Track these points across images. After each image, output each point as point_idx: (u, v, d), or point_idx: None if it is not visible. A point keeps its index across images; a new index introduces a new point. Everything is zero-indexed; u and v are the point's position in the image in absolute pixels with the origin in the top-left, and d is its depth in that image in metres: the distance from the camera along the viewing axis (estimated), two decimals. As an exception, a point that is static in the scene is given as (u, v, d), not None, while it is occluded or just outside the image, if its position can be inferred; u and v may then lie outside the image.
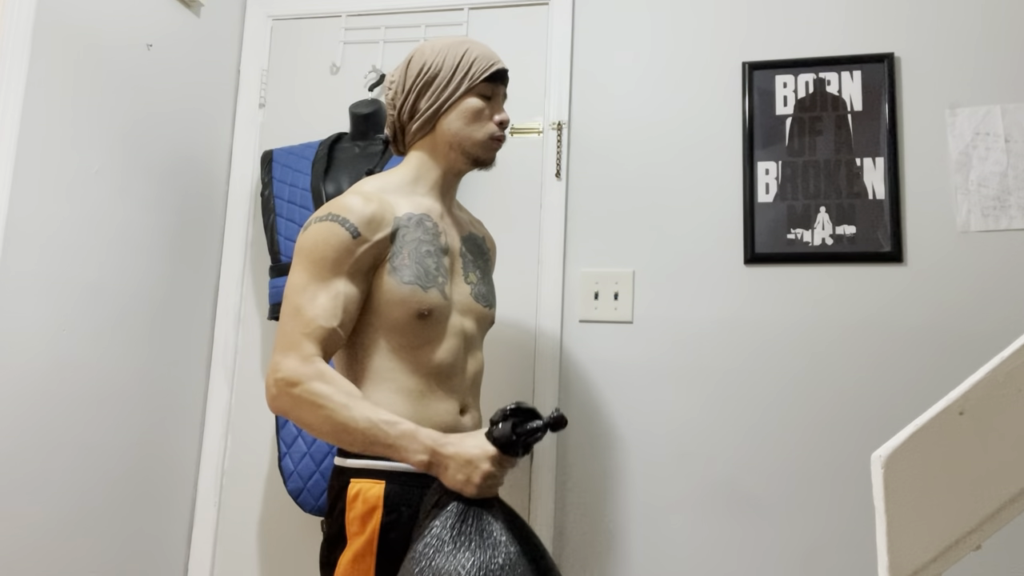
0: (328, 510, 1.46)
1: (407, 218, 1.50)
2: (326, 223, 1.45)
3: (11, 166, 1.72)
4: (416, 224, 1.51)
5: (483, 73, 1.56)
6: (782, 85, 2.13)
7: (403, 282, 1.46)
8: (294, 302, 1.43)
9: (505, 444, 1.34)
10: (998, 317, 1.92)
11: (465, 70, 1.55)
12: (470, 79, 1.55)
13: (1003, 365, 0.81)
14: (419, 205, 1.54)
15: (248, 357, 2.37)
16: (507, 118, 1.60)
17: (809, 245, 2.05)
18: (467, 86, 1.55)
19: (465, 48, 1.57)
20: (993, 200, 1.97)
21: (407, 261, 1.48)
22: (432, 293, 1.47)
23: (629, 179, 2.19)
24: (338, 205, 1.46)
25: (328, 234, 1.44)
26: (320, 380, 1.38)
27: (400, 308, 1.46)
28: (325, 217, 1.46)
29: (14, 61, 1.74)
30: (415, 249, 1.49)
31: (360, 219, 1.44)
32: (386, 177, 1.57)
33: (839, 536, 1.93)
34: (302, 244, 1.46)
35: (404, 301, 1.46)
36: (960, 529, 0.80)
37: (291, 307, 1.43)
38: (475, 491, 1.34)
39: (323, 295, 1.41)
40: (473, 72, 1.55)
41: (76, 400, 1.89)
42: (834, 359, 2.00)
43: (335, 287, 1.43)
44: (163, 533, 2.19)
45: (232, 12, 2.47)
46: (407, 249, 1.48)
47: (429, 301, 1.47)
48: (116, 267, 2.01)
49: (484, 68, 1.56)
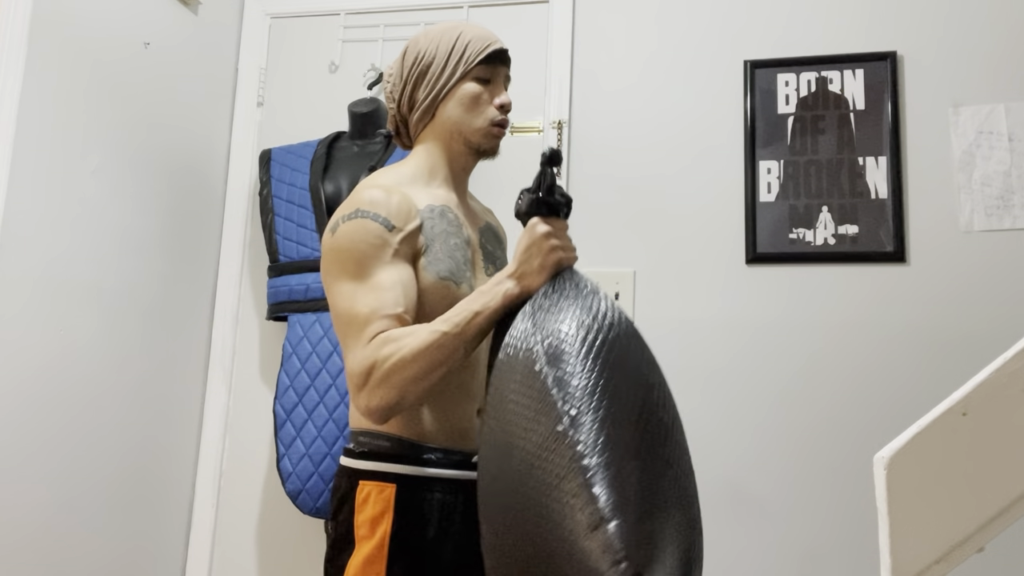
0: (333, 512, 1.41)
1: (429, 210, 1.42)
2: (355, 221, 1.37)
3: (8, 165, 1.71)
4: (440, 215, 1.43)
5: (478, 55, 1.49)
6: (784, 84, 2.12)
7: (440, 277, 1.39)
8: (347, 311, 1.33)
9: (535, 206, 1.32)
10: (1001, 317, 1.91)
11: (460, 54, 1.48)
12: (465, 63, 1.48)
13: (1007, 366, 0.80)
14: (437, 197, 1.46)
15: (246, 357, 2.36)
16: (508, 100, 1.51)
17: (811, 245, 2.04)
18: (463, 71, 1.48)
19: (459, 32, 1.50)
20: (996, 199, 1.96)
21: (440, 255, 1.40)
22: (464, 288, 1.41)
23: (630, 178, 2.18)
24: (361, 200, 1.38)
25: (361, 231, 1.35)
26: (385, 344, 1.28)
27: (435, 304, 1.38)
28: (352, 215, 1.37)
29: (11, 59, 1.73)
30: (445, 242, 1.42)
31: (388, 211, 1.37)
32: (399, 169, 1.49)
33: (841, 537, 1.92)
34: (336, 247, 1.37)
35: (442, 297, 1.39)
36: (963, 531, 0.79)
37: (345, 317, 1.33)
38: (556, 259, 1.29)
39: (375, 291, 1.33)
40: (468, 55, 1.48)
41: (73, 400, 1.88)
42: (836, 360, 1.98)
43: (385, 278, 1.34)
44: (161, 534, 2.18)
45: (230, 10, 2.46)
46: (438, 242, 1.41)
47: (462, 296, 1.40)
48: (113, 267, 2.00)
49: (479, 50, 1.49)
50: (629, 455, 1.07)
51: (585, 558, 0.98)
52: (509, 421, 1.14)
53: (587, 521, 0.99)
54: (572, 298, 1.22)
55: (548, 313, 1.21)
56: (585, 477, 1.02)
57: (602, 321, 1.18)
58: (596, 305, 1.20)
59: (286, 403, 2.08)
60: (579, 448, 1.04)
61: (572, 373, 1.11)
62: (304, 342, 2.10)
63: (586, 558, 0.98)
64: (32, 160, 1.77)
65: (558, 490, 1.04)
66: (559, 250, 1.30)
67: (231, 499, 2.30)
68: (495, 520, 1.14)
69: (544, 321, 1.20)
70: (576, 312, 1.20)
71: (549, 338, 1.16)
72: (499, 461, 1.14)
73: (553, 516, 1.03)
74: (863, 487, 1.92)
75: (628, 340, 1.19)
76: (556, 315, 1.20)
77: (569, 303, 1.22)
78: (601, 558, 0.97)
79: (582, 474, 1.02)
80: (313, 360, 2.07)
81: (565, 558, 1.01)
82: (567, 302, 1.22)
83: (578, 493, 1.02)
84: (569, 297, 1.23)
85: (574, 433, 1.06)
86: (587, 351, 1.14)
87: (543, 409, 1.10)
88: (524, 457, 1.10)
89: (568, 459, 1.04)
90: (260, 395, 2.33)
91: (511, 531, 1.11)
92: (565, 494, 1.02)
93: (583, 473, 1.02)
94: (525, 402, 1.13)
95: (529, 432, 1.11)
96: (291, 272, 2.15)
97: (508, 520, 1.11)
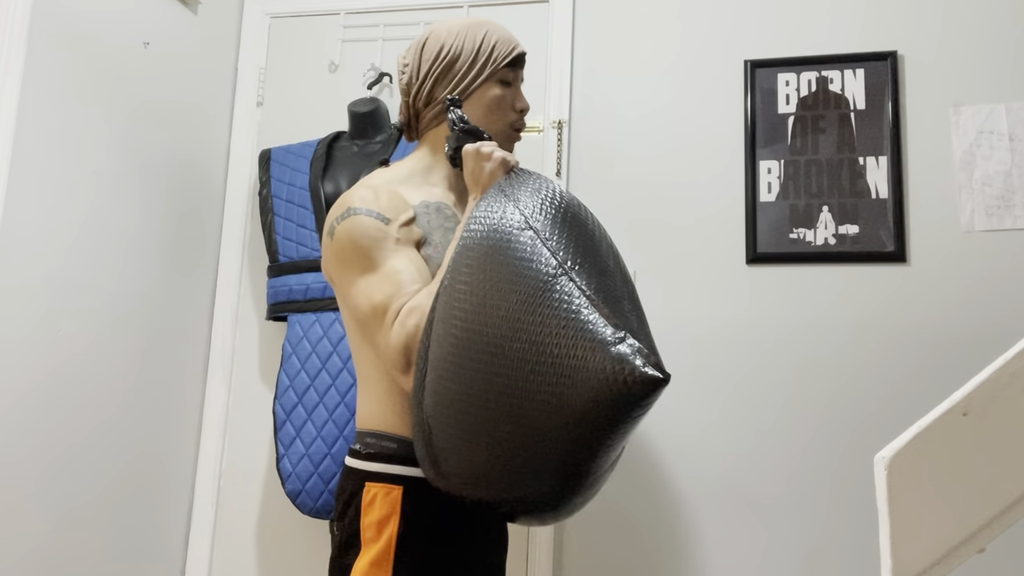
0: (339, 513, 1.40)
1: (424, 205, 1.42)
2: (349, 219, 1.37)
3: (7, 165, 1.71)
4: (436, 210, 1.43)
5: (506, 58, 1.47)
6: (784, 83, 2.12)
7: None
8: (364, 305, 1.33)
9: (460, 140, 1.42)
10: (1002, 317, 1.90)
11: (487, 54, 1.46)
12: (492, 64, 1.46)
13: (1007, 366, 0.80)
14: (432, 195, 1.45)
15: (246, 358, 2.36)
16: (527, 106, 1.51)
17: (812, 245, 2.03)
18: (488, 73, 1.46)
19: (485, 30, 1.47)
20: (997, 199, 1.95)
21: (441, 248, 1.40)
22: None
23: (630, 178, 2.18)
24: (351, 200, 1.39)
25: (358, 227, 1.36)
26: (409, 315, 1.30)
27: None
28: (345, 215, 1.38)
29: (10, 59, 1.73)
30: (444, 235, 1.41)
31: (379, 206, 1.37)
32: (394, 169, 1.49)
33: (841, 538, 1.91)
34: (338, 249, 1.37)
35: None
36: (964, 531, 0.79)
37: (366, 311, 1.33)
38: (500, 157, 1.36)
39: (386, 280, 1.33)
40: (496, 57, 1.46)
41: (72, 401, 1.88)
42: (836, 359, 1.98)
43: (394, 265, 1.34)
44: (160, 535, 2.18)
45: (230, 10, 2.46)
46: (437, 234, 1.40)
47: None
48: (113, 267, 2.00)
49: (506, 52, 1.47)
50: (607, 293, 1.17)
51: (608, 363, 1.08)
52: (487, 281, 1.21)
53: (607, 337, 1.09)
54: (527, 178, 1.33)
55: (514, 188, 1.31)
56: (596, 303, 1.13)
57: (555, 191, 1.29)
58: (546, 183, 1.32)
59: (286, 403, 2.08)
60: (572, 289, 1.15)
61: (551, 231, 1.22)
62: (304, 342, 2.10)
63: (610, 363, 1.08)
64: (31, 160, 1.77)
65: (567, 319, 1.12)
66: (498, 153, 1.36)
67: (230, 499, 2.29)
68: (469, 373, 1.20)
69: (512, 193, 1.30)
70: (534, 186, 1.30)
71: (520, 206, 1.26)
72: (477, 318, 1.20)
73: (565, 340, 1.11)
74: (863, 487, 1.92)
75: (575, 204, 1.30)
76: (520, 189, 1.30)
77: (526, 182, 1.32)
78: (627, 358, 1.07)
79: (592, 302, 1.13)
80: (313, 360, 2.07)
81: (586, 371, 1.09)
82: (525, 181, 1.33)
83: (591, 317, 1.11)
84: (524, 177, 1.34)
85: (564, 277, 1.17)
86: (554, 213, 1.25)
87: (533, 259, 1.19)
88: (512, 307, 1.17)
89: (572, 293, 1.15)
90: (260, 395, 2.32)
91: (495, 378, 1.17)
92: (578, 320, 1.12)
93: (593, 301, 1.13)
94: (508, 260, 1.20)
95: (520, 281, 1.18)
96: (291, 272, 2.15)
97: (492, 368, 1.17)
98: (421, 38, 1.50)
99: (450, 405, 1.20)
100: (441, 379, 1.22)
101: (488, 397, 1.16)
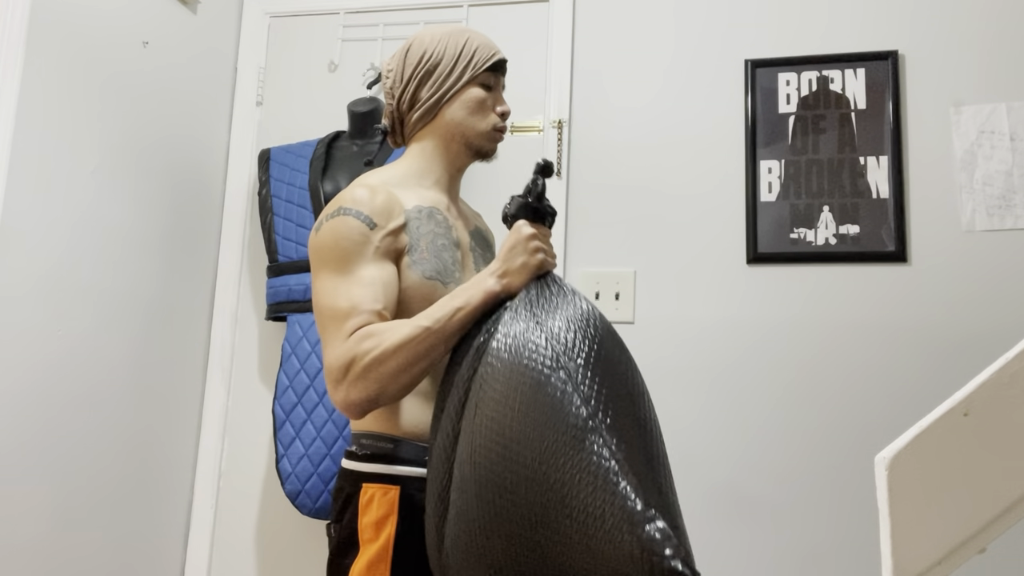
0: (336, 515, 1.41)
1: (416, 210, 1.44)
2: (338, 219, 1.39)
3: (6, 165, 1.71)
4: (427, 217, 1.45)
5: (486, 63, 1.52)
6: (785, 83, 2.12)
7: (424, 277, 1.41)
8: (327, 306, 1.35)
9: (524, 210, 1.37)
10: (1003, 317, 1.90)
11: (468, 59, 1.51)
12: (473, 68, 1.51)
13: (1008, 366, 0.80)
14: (425, 198, 1.48)
15: (245, 358, 2.35)
16: (509, 109, 1.56)
17: (812, 245, 2.03)
18: (470, 75, 1.51)
19: (466, 36, 1.53)
20: (998, 199, 1.95)
21: (426, 255, 1.42)
22: (451, 288, 1.43)
23: (630, 178, 2.18)
24: (345, 199, 1.41)
25: (343, 228, 1.38)
26: (366, 338, 1.29)
27: (421, 304, 1.40)
28: (335, 213, 1.40)
29: (9, 58, 1.73)
30: (431, 242, 1.44)
31: (371, 208, 1.39)
32: (388, 171, 1.51)
33: (842, 539, 1.91)
34: (319, 245, 1.40)
35: (426, 297, 1.40)
36: (965, 532, 0.79)
37: (327, 312, 1.35)
38: (539, 260, 1.33)
39: (356, 287, 1.34)
40: (476, 61, 1.52)
41: (71, 401, 1.88)
42: (837, 360, 1.98)
43: (366, 275, 1.35)
44: (160, 535, 2.18)
45: (229, 9, 2.46)
46: (424, 242, 1.43)
47: None
48: (112, 267, 1.99)
49: (486, 57, 1.53)
50: (636, 452, 1.12)
51: (636, 546, 1.03)
52: (515, 422, 1.15)
53: (636, 513, 1.04)
54: (560, 300, 1.27)
55: (547, 313, 1.24)
56: (620, 475, 1.07)
57: (590, 321, 1.23)
58: (582, 306, 1.25)
59: (285, 404, 2.07)
60: (602, 449, 1.09)
61: (583, 374, 1.16)
62: (303, 342, 2.10)
63: (638, 546, 1.03)
64: (31, 159, 1.77)
65: (595, 484, 1.07)
66: (542, 252, 1.34)
67: (230, 500, 2.29)
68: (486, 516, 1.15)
69: (545, 320, 1.23)
70: (568, 313, 1.24)
71: (552, 340, 1.19)
72: (503, 461, 1.15)
73: (592, 507, 1.07)
74: (864, 488, 1.92)
75: (610, 338, 1.24)
76: (553, 316, 1.23)
77: (559, 305, 1.26)
78: (657, 544, 1.02)
79: (621, 468, 1.08)
80: (312, 360, 2.07)
81: (611, 544, 1.05)
82: (558, 303, 1.26)
83: (614, 490, 1.06)
84: (557, 298, 1.27)
85: (594, 434, 1.10)
86: (587, 352, 1.19)
87: (563, 407, 1.13)
88: (537, 456, 1.12)
89: (602, 455, 1.09)
90: (259, 395, 2.32)
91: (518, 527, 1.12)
92: (606, 486, 1.07)
93: (622, 467, 1.08)
94: (537, 403, 1.15)
95: (549, 428, 1.12)
96: (290, 272, 2.15)
97: (513, 517, 1.12)
98: (405, 45, 1.56)
99: (465, 550, 1.18)
100: (460, 518, 1.19)
101: (508, 546, 1.14)
